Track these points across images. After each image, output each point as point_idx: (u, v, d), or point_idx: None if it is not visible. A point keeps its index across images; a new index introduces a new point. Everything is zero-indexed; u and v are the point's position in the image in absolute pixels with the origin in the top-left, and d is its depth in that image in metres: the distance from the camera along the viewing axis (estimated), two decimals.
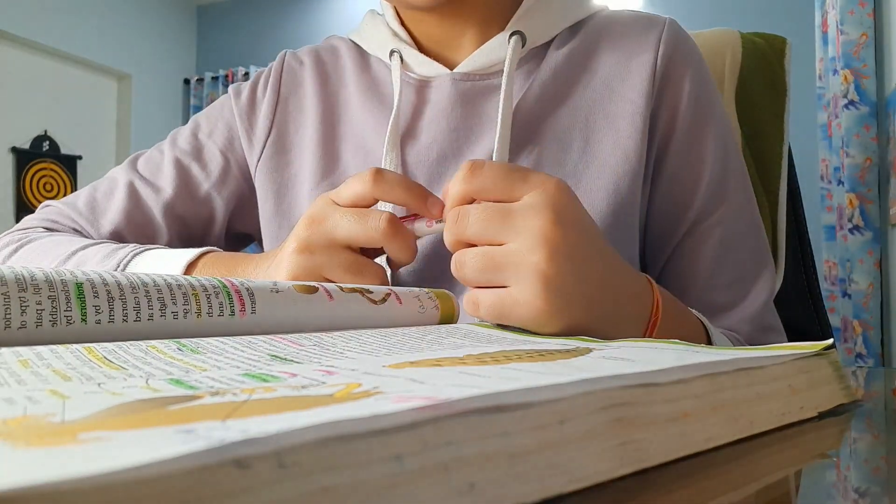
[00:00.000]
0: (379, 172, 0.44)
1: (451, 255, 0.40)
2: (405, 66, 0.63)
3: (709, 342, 0.48)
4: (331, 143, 0.64)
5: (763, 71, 0.83)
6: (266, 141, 0.66)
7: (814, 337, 0.80)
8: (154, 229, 0.67)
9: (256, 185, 0.66)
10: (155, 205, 0.66)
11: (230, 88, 0.70)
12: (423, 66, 0.63)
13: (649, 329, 0.42)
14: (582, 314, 0.37)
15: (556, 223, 0.37)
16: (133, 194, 0.66)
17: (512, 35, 0.60)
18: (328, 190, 0.61)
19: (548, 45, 0.63)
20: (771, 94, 0.82)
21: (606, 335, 0.37)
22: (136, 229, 0.66)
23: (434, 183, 0.59)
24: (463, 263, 0.38)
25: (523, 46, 0.61)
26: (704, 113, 0.60)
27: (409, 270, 0.57)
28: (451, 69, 0.62)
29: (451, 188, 0.40)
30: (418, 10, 0.60)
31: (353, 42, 0.69)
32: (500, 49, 0.60)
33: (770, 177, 0.81)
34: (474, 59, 0.61)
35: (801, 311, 0.83)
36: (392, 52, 0.63)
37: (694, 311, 0.51)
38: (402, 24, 0.65)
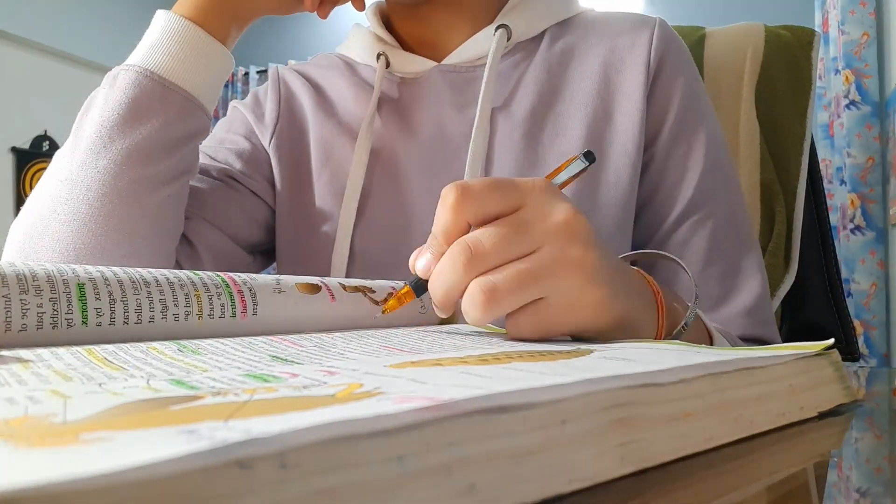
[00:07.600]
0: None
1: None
2: (391, 68, 0.66)
3: (707, 332, 0.47)
4: (327, 134, 0.66)
5: (787, 64, 0.81)
6: (275, 128, 0.68)
7: (836, 337, 0.77)
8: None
9: (273, 163, 0.67)
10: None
11: (231, 104, 0.72)
12: (411, 63, 0.65)
13: (659, 313, 0.39)
14: (623, 303, 0.35)
15: (576, 214, 0.33)
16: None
17: (497, 28, 0.62)
18: (329, 180, 0.63)
19: (538, 40, 0.65)
20: (794, 87, 0.80)
21: (640, 324, 0.36)
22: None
23: (428, 171, 0.61)
24: (494, 292, 0.31)
25: (508, 40, 0.63)
26: (696, 109, 0.62)
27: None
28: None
29: (444, 222, 0.34)
30: (411, 4, 0.62)
31: (340, 56, 0.71)
32: (485, 42, 0.63)
33: (788, 174, 0.78)
34: (460, 52, 0.63)
35: (823, 312, 0.80)
36: (379, 55, 0.65)
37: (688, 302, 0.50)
38: (389, 28, 0.68)
